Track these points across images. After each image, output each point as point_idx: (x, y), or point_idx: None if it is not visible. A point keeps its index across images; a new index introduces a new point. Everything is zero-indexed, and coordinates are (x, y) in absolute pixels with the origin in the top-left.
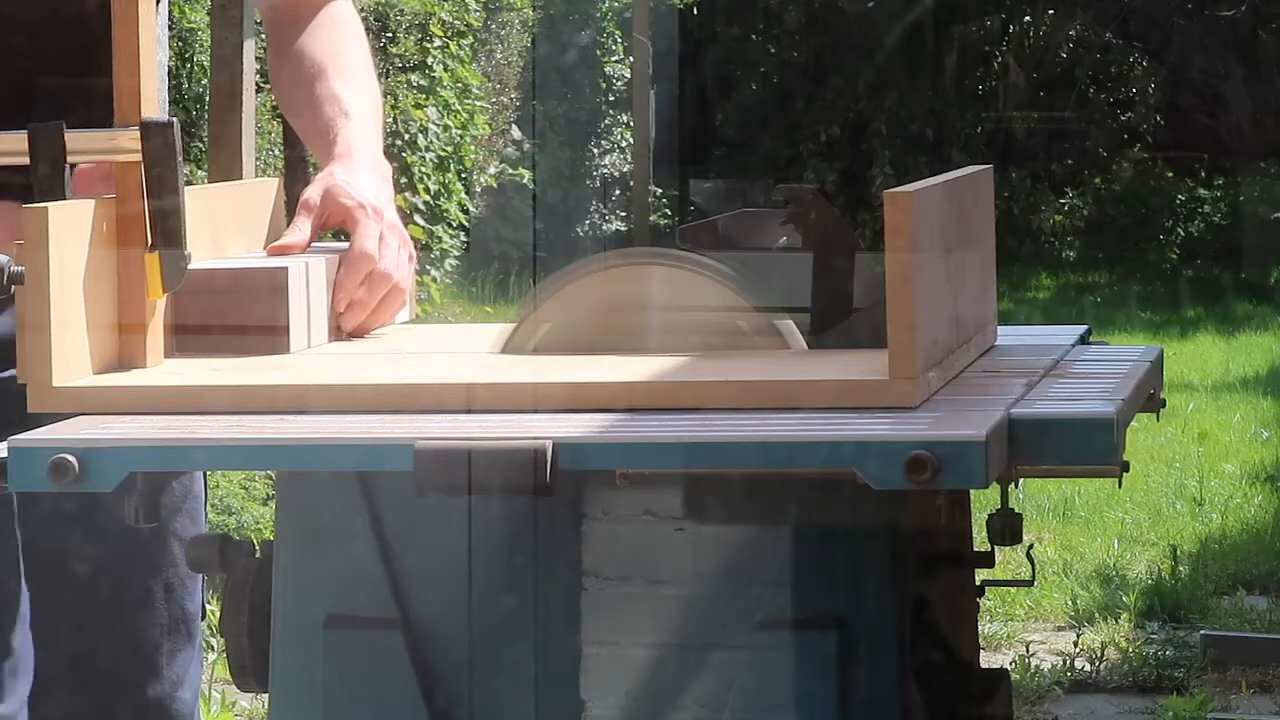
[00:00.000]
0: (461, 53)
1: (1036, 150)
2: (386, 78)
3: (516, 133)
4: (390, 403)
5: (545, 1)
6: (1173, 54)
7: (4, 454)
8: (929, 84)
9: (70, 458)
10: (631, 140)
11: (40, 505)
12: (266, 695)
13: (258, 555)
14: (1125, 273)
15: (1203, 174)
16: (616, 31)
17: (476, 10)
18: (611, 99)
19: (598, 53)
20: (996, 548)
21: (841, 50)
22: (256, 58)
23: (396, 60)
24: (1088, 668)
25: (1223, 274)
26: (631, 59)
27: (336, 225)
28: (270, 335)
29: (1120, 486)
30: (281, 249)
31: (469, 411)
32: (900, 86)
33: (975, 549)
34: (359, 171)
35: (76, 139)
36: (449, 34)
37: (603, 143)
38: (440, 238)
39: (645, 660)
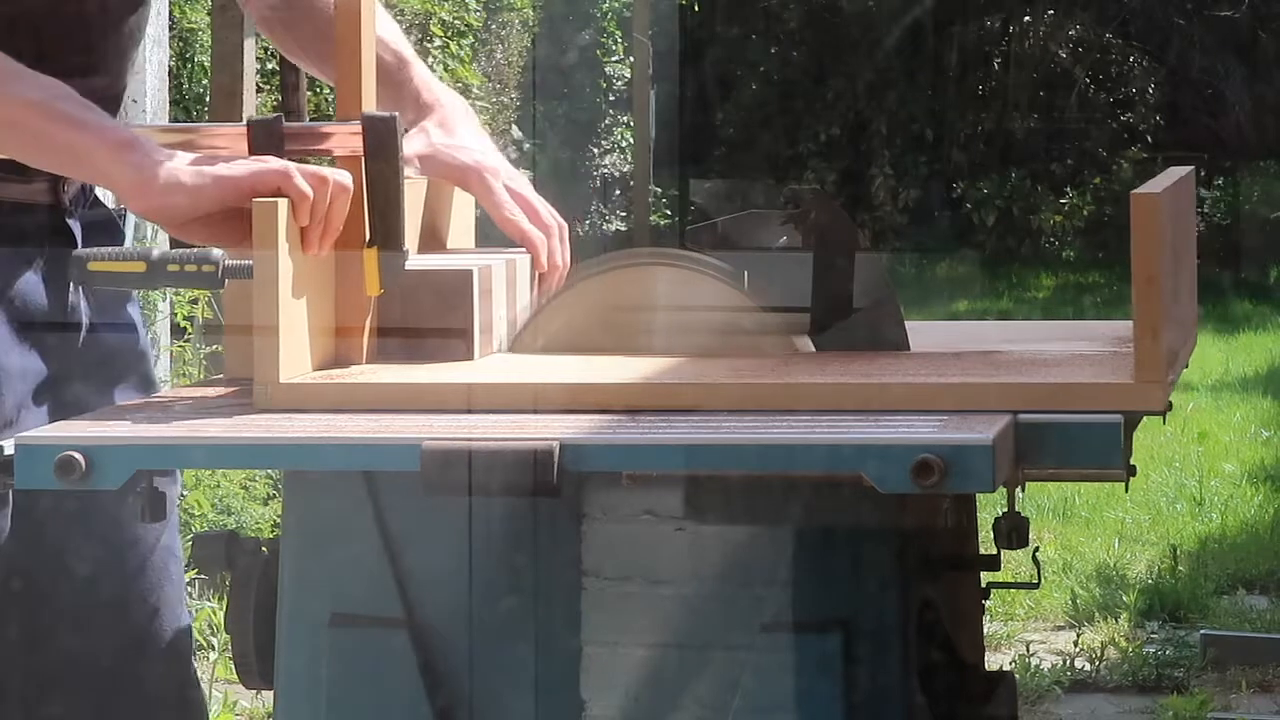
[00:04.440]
0: (461, 53)
1: (1036, 150)
2: None
3: (516, 133)
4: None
5: (545, 1)
6: (1172, 54)
7: (10, 451)
8: (929, 84)
9: (77, 455)
10: (631, 140)
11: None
12: (269, 693)
13: (263, 553)
14: (1125, 272)
15: (1203, 174)
16: (616, 31)
17: (476, 10)
18: (611, 99)
19: (598, 53)
20: (1001, 549)
21: (841, 50)
22: (257, 58)
23: None
24: (1087, 667)
25: (1223, 274)
26: (631, 59)
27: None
28: (455, 339)
29: (1127, 490)
30: None
31: (474, 412)
32: (900, 86)
33: (981, 551)
34: (458, 129)
35: (295, 132)
36: (449, 34)
37: (603, 143)
38: None
39: (645, 660)
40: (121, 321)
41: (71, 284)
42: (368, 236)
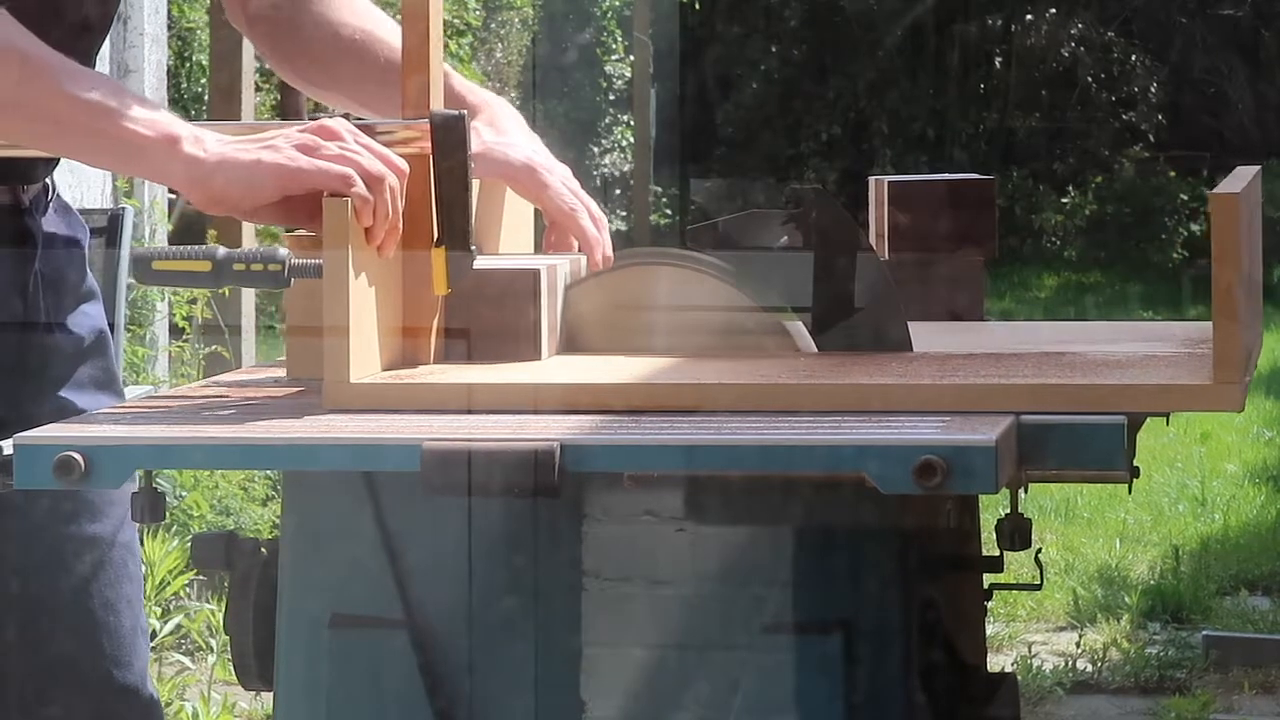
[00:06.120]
0: (461, 52)
1: (1038, 149)
2: None
3: None
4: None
5: (545, 1)
6: (1175, 53)
7: (9, 451)
8: (930, 83)
9: (76, 455)
10: (631, 140)
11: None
12: (268, 695)
13: (262, 554)
14: (1127, 272)
15: (1205, 173)
16: (617, 30)
17: (476, 10)
18: (611, 98)
19: (598, 52)
20: (1004, 551)
21: (842, 49)
22: (256, 56)
23: None
24: (1089, 668)
25: None
26: (632, 58)
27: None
28: (522, 339)
29: (1130, 491)
30: None
31: (474, 412)
32: (901, 86)
33: (984, 553)
34: (508, 128)
35: (362, 130)
36: (449, 33)
37: (603, 142)
38: None
39: (646, 661)
40: (83, 321)
41: (29, 285)
42: (436, 236)
